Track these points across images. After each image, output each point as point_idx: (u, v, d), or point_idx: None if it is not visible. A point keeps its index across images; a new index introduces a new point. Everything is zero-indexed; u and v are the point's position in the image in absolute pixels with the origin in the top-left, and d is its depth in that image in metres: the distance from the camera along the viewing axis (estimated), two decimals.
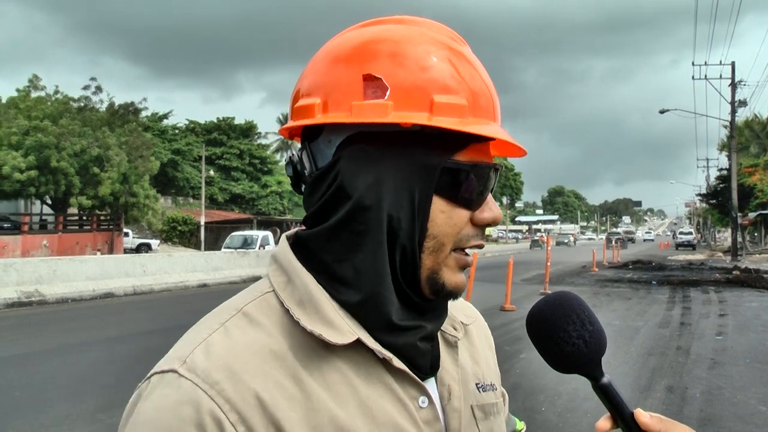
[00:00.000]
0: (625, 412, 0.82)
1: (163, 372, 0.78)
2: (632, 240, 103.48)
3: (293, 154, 0.91)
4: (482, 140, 0.86)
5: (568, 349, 0.84)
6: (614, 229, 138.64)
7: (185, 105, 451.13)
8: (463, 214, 0.85)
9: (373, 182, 0.82)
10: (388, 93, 0.81)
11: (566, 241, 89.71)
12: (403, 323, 0.84)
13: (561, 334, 0.84)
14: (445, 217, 0.84)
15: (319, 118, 0.84)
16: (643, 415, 0.81)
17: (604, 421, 0.83)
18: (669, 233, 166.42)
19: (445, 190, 0.84)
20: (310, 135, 0.89)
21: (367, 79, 0.82)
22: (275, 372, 0.78)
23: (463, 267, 0.88)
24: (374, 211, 0.82)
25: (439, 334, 0.93)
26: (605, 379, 0.84)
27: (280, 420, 0.76)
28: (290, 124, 0.89)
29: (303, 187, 0.90)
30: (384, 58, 0.83)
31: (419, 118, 0.80)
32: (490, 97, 0.87)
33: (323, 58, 0.88)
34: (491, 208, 0.88)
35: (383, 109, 0.80)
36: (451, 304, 0.96)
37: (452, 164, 0.83)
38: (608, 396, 0.83)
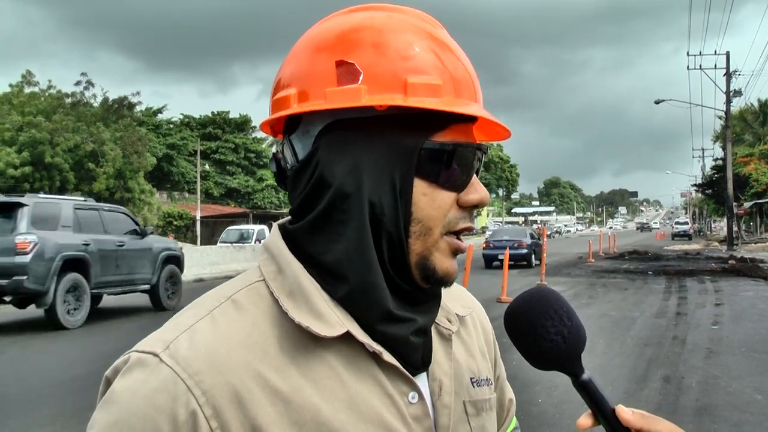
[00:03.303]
0: (606, 408, 0.81)
1: (143, 353, 0.76)
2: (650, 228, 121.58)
3: (277, 150, 0.90)
4: (463, 121, 0.84)
5: (546, 346, 0.82)
6: (643, 221, 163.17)
7: (182, 99, 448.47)
8: (447, 196, 0.83)
9: (351, 168, 0.81)
10: (361, 77, 0.80)
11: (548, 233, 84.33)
12: (399, 313, 0.82)
13: (539, 330, 0.82)
14: (428, 199, 0.82)
15: (294, 108, 0.83)
16: (624, 412, 0.80)
17: (585, 418, 0.82)
18: (667, 222, 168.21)
19: (426, 172, 0.82)
20: (290, 128, 0.87)
21: (340, 65, 0.81)
22: (260, 364, 0.77)
23: (456, 252, 0.86)
24: (355, 198, 0.80)
25: (432, 326, 0.91)
26: (585, 376, 0.82)
27: (257, 416, 0.74)
28: (268, 117, 0.88)
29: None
30: (366, 47, 0.81)
31: (394, 99, 0.79)
32: (472, 82, 0.86)
33: (303, 48, 0.87)
34: (477, 189, 0.86)
35: (356, 94, 0.79)
36: (447, 294, 0.95)
37: (431, 145, 0.82)
38: (589, 392, 0.82)
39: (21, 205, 11.37)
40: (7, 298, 11.67)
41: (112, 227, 13.29)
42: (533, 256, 26.75)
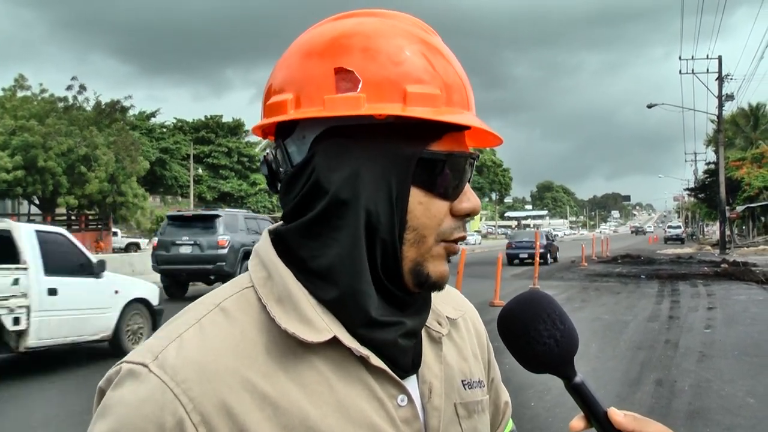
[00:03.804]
0: (598, 410, 0.81)
1: (134, 363, 0.77)
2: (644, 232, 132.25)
3: (268, 153, 0.90)
4: (457, 130, 0.85)
5: (539, 349, 0.83)
6: (638, 225, 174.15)
7: (176, 102, 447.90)
8: (441, 204, 0.84)
9: (349, 176, 0.81)
10: (360, 85, 0.80)
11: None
12: (383, 319, 0.82)
13: (532, 333, 0.83)
14: (423, 208, 0.83)
15: (291, 114, 0.83)
16: (616, 414, 0.80)
17: (578, 421, 0.83)
18: (660, 226, 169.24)
19: (422, 181, 0.83)
20: (283, 132, 0.87)
21: (339, 72, 0.81)
22: (248, 371, 0.77)
23: (450, 255, 0.87)
24: (352, 206, 0.81)
25: (423, 329, 0.92)
26: (578, 379, 0.83)
27: (246, 422, 0.75)
28: (263, 121, 0.88)
29: (279, 186, 0.89)
30: (356, 52, 0.82)
31: (393, 108, 0.79)
32: (464, 88, 0.87)
33: (295, 53, 0.87)
34: (469, 198, 0.87)
35: (356, 102, 0.79)
36: (439, 296, 0.95)
37: (428, 154, 0.82)
38: (581, 395, 0.83)
39: (218, 216, 17.47)
40: (212, 277, 17.10)
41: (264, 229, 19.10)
42: (548, 254, 33.32)
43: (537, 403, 6.48)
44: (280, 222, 0.90)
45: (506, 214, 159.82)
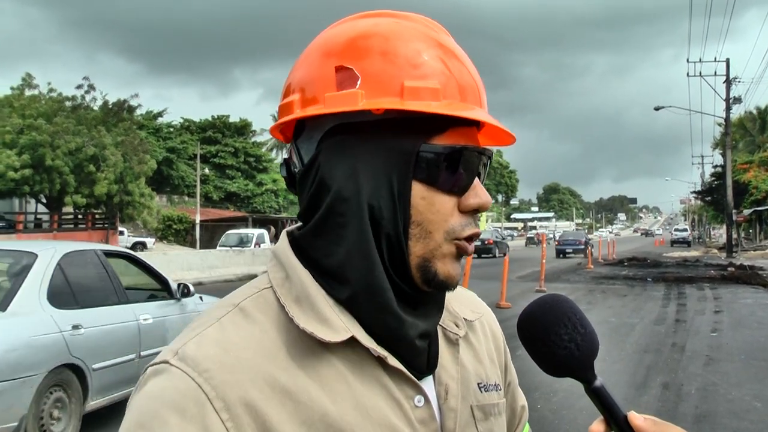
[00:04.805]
0: (618, 415, 0.81)
1: (156, 364, 0.79)
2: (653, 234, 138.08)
3: (287, 155, 0.91)
4: (465, 125, 0.85)
5: (560, 353, 0.82)
6: (647, 228, 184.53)
7: (183, 102, 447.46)
8: (446, 200, 0.84)
9: (350, 172, 0.82)
10: (359, 82, 0.81)
11: (535, 239, 73.26)
12: (402, 316, 0.83)
13: (553, 338, 0.83)
14: (426, 203, 0.83)
15: (297, 113, 0.84)
16: (636, 418, 0.80)
17: (598, 425, 0.82)
18: (667, 228, 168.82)
19: (423, 176, 0.82)
20: (297, 133, 0.89)
21: (339, 71, 0.82)
22: (268, 365, 0.78)
23: (461, 255, 0.86)
24: (354, 202, 0.81)
25: (440, 330, 0.92)
26: (598, 382, 0.82)
27: (267, 414, 0.76)
28: (275, 123, 0.89)
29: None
30: (375, 55, 0.82)
31: (390, 103, 0.80)
32: (477, 90, 0.87)
33: (312, 53, 0.88)
34: (478, 193, 0.85)
35: (353, 98, 0.80)
36: (456, 298, 0.96)
37: (428, 148, 0.82)
38: (601, 399, 0.82)
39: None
40: None
41: None
42: (587, 250, 39.76)
43: (543, 405, 6.46)
44: (298, 224, 0.91)
45: (512, 216, 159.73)
